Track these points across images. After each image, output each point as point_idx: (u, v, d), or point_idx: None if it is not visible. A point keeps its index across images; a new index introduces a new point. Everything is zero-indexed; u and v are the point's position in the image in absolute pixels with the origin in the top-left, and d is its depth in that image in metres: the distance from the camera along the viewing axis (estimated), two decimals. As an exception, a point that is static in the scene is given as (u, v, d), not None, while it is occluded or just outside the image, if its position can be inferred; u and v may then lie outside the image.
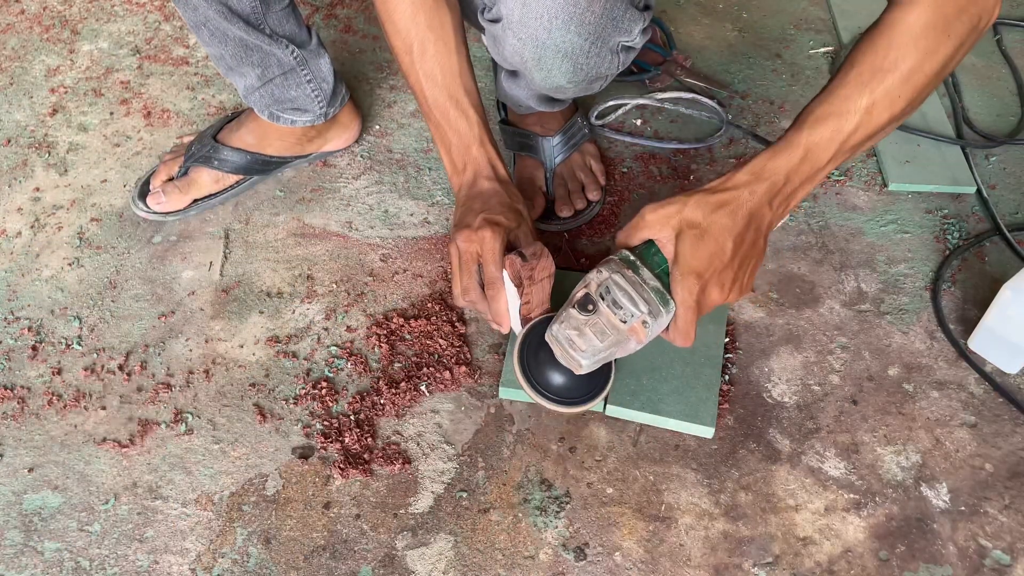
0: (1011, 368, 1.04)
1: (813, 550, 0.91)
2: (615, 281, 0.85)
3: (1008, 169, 1.27)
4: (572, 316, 0.87)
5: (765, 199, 0.83)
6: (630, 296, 0.84)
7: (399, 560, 0.90)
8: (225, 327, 1.09)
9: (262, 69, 1.12)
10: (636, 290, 0.84)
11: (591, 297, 0.86)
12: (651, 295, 0.84)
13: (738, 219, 0.82)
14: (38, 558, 0.90)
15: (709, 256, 0.82)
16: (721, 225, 0.82)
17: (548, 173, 1.20)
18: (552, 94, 1.06)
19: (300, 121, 1.19)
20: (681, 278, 0.83)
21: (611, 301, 0.85)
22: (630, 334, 0.85)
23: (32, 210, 1.22)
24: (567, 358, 0.88)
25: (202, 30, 1.08)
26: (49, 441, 0.98)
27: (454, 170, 1.02)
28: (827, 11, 1.54)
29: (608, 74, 1.01)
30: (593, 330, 0.86)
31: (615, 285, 0.85)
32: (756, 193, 0.82)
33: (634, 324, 0.85)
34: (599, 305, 0.86)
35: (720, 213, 0.82)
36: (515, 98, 1.18)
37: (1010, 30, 1.50)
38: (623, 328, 0.85)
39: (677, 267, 0.83)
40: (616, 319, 0.85)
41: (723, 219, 0.82)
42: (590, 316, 0.86)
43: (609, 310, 0.85)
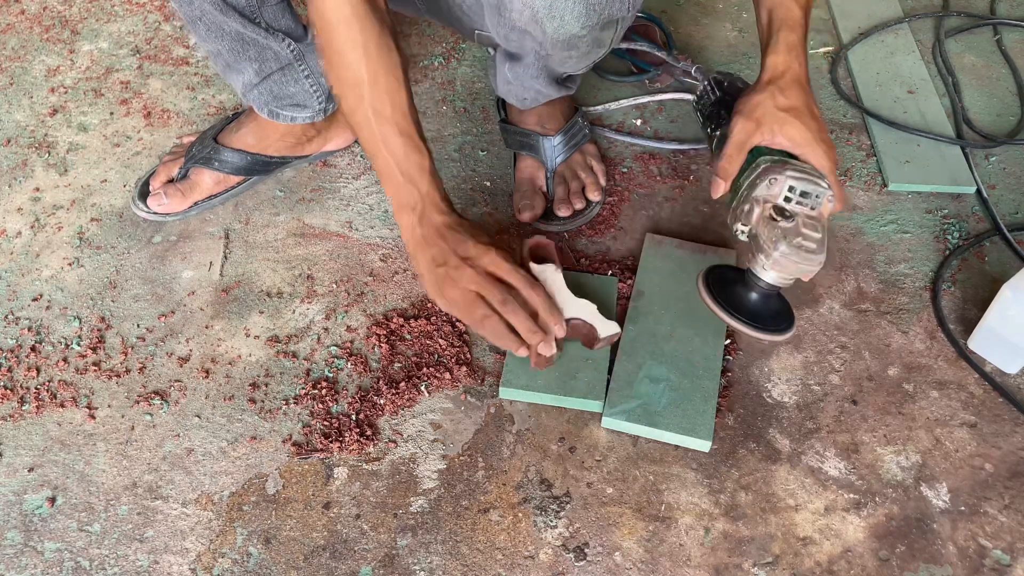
0: (1011, 368, 1.04)
1: (813, 550, 0.91)
2: (793, 178, 0.90)
3: (1008, 169, 1.28)
4: (786, 229, 0.89)
5: (805, 61, 0.96)
6: (812, 182, 0.90)
7: (399, 560, 0.90)
8: (225, 327, 1.09)
9: (259, 64, 1.12)
10: (809, 174, 0.90)
11: (780, 206, 0.90)
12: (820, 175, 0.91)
13: (806, 89, 0.95)
14: (38, 558, 0.90)
15: (815, 123, 0.93)
16: (803, 99, 0.94)
17: (548, 173, 1.20)
18: (563, 53, 1.04)
19: (300, 118, 1.19)
20: (813, 151, 0.92)
21: (799, 196, 0.90)
22: (822, 217, 0.91)
23: (32, 210, 1.22)
24: (804, 267, 0.90)
25: (198, 24, 1.07)
26: (49, 441, 0.99)
27: (401, 207, 0.97)
28: (827, 11, 1.54)
29: (620, 17, 0.99)
30: (805, 227, 0.90)
31: (796, 181, 0.90)
32: (801, 61, 0.95)
33: (823, 204, 0.90)
34: (791, 207, 0.90)
35: (795, 90, 0.93)
36: (518, 89, 1.17)
37: (1010, 30, 1.50)
38: (816, 214, 0.90)
39: (805, 145, 0.92)
40: (808, 210, 0.90)
41: (800, 93, 0.94)
42: (794, 220, 0.90)
43: (801, 207, 0.90)
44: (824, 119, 0.96)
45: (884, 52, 1.45)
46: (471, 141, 1.31)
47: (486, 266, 0.94)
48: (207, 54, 1.13)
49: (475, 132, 1.32)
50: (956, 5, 1.55)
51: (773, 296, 0.94)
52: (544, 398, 1.01)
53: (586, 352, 1.04)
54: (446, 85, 1.39)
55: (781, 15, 0.97)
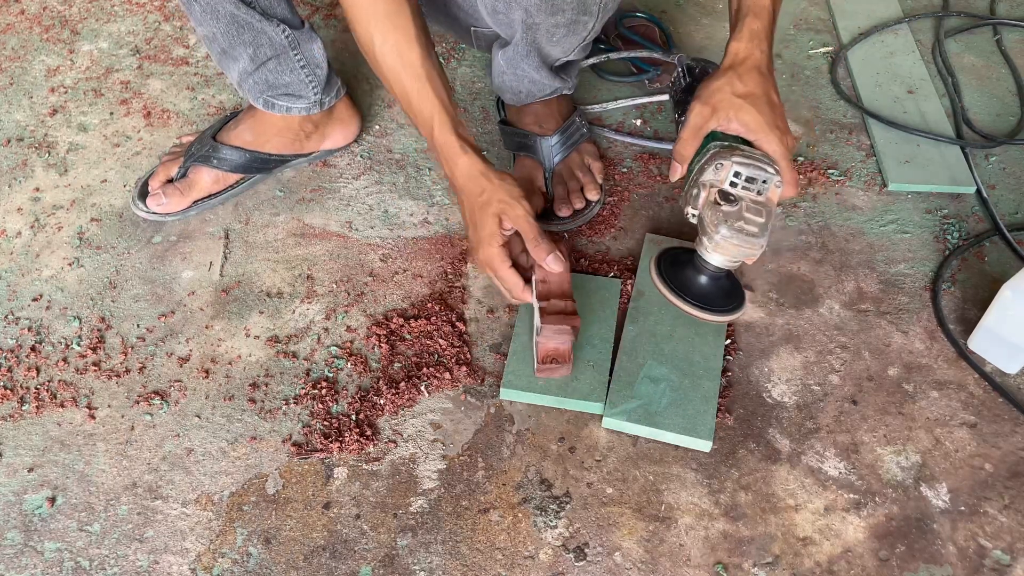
0: (1011, 368, 1.04)
1: (813, 550, 0.91)
2: (739, 163, 0.91)
3: (1008, 169, 1.28)
4: (728, 213, 0.91)
5: (768, 50, 0.97)
6: (758, 167, 0.91)
7: (399, 560, 0.90)
8: (225, 327, 1.09)
9: (254, 49, 1.11)
10: (756, 160, 0.91)
11: (725, 191, 0.92)
12: (767, 159, 0.92)
13: (766, 75, 0.95)
14: (38, 558, 0.90)
15: (771, 110, 0.94)
16: (762, 84, 0.94)
17: (547, 173, 1.20)
18: (549, 20, 1.04)
19: (295, 109, 1.19)
20: (767, 136, 0.93)
21: (745, 181, 0.91)
22: (769, 202, 0.92)
23: (32, 210, 1.22)
24: (745, 251, 0.92)
25: (194, 6, 1.07)
26: (49, 441, 0.98)
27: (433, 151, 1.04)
28: (827, 11, 1.54)
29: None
30: (749, 212, 0.91)
31: (741, 166, 0.91)
32: (764, 51, 0.96)
33: (770, 190, 0.91)
34: (736, 192, 0.92)
35: (754, 76, 0.94)
36: (512, 79, 1.17)
37: (1010, 30, 1.50)
38: (763, 199, 0.91)
39: (758, 130, 0.93)
40: (754, 195, 0.91)
41: (759, 79, 0.94)
42: (737, 204, 0.91)
43: (747, 191, 0.91)
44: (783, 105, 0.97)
45: (884, 52, 1.45)
46: (471, 141, 1.31)
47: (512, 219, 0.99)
48: (203, 39, 1.13)
49: (475, 132, 1.32)
50: (956, 5, 1.55)
51: (721, 277, 0.97)
52: (545, 399, 1.01)
53: (587, 354, 1.04)
54: (446, 85, 1.39)
55: (748, 2, 0.97)
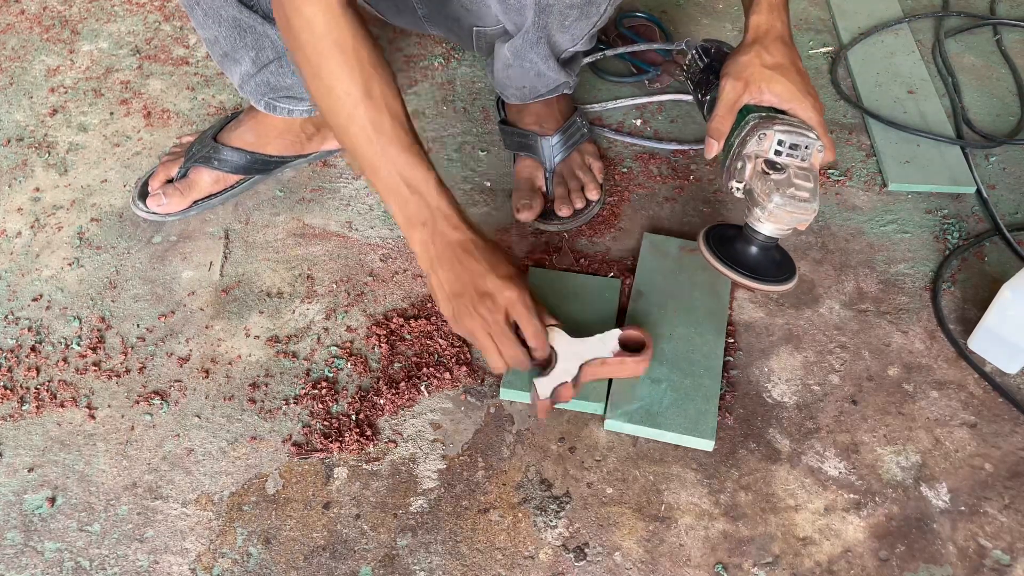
0: (1011, 368, 1.04)
1: (813, 550, 0.91)
2: (781, 131, 0.93)
3: (1008, 169, 1.28)
4: (778, 181, 0.92)
5: (787, 20, 0.99)
6: (801, 134, 0.93)
7: (399, 560, 0.90)
8: (225, 327, 1.09)
9: (256, 52, 1.11)
10: (797, 127, 0.93)
11: (771, 160, 0.93)
12: (807, 127, 0.94)
13: (790, 45, 0.98)
14: (38, 558, 0.90)
15: (800, 78, 0.96)
16: (788, 55, 0.97)
17: (547, 173, 1.20)
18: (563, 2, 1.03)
19: (297, 111, 1.19)
20: (801, 105, 0.94)
21: (789, 149, 0.93)
22: (813, 167, 0.93)
23: (32, 210, 1.22)
24: (799, 216, 0.93)
25: (196, 10, 1.07)
26: (49, 441, 0.99)
27: (410, 223, 0.93)
28: (827, 11, 1.54)
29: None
30: (797, 178, 0.92)
31: (784, 134, 0.93)
32: (783, 20, 0.98)
33: (813, 155, 0.93)
34: (782, 160, 0.93)
35: (778, 47, 0.96)
36: (517, 73, 1.16)
37: (1010, 30, 1.50)
38: (807, 165, 0.93)
39: (792, 99, 0.95)
40: (799, 162, 0.93)
41: (784, 49, 0.96)
42: (784, 171, 0.92)
43: (791, 159, 0.93)
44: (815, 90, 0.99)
45: (884, 52, 1.45)
46: (471, 141, 1.31)
47: (502, 306, 0.93)
48: (205, 42, 1.13)
49: (475, 132, 1.32)
50: (956, 5, 1.55)
51: (772, 248, 0.97)
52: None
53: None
54: (446, 85, 1.39)
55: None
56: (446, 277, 0.93)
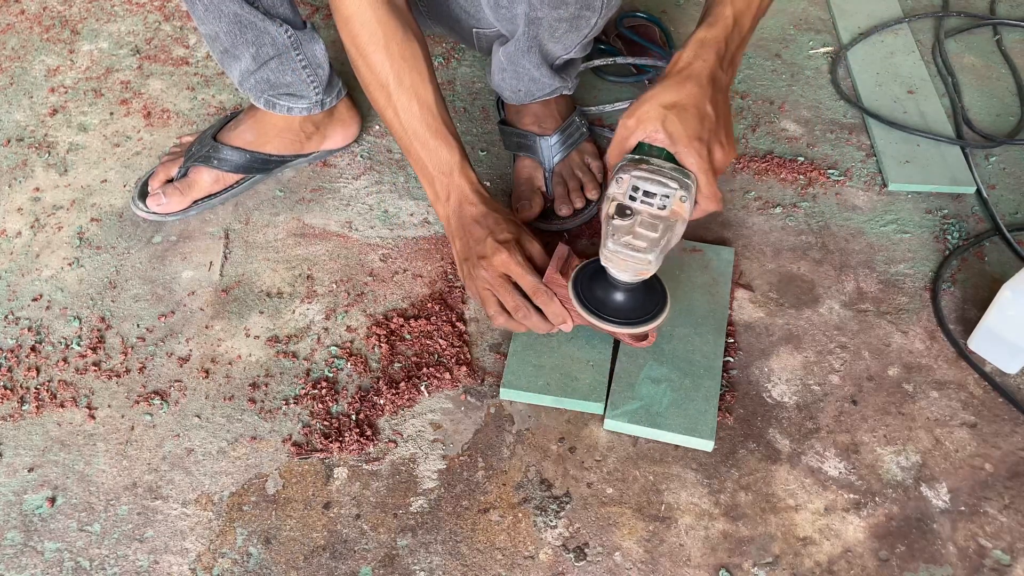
0: (1011, 368, 1.04)
1: (813, 550, 0.91)
2: (637, 177, 0.89)
3: (1008, 169, 1.28)
4: (617, 227, 0.89)
5: (716, 63, 0.91)
6: (657, 181, 0.88)
7: (399, 560, 0.90)
8: (225, 327, 1.09)
9: (256, 48, 1.11)
10: (659, 175, 0.89)
11: (623, 204, 0.90)
12: (671, 174, 0.89)
13: (704, 85, 0.90)
14: (38, 558, 0.90)
15: (699, 122, 0.89)
16: (694, 95, 0.89)
17: (547, 173, 1.20)
18: (553, 14, 1.03)
19: (296, 109, 1.19)
20: (686, 149, 0.89)
21: (643, 195, 0.89)
22: (673, 216, 0.89)
23: (32, 210, 1.22)
24: (633, 265, 0.90)
25: (196, 5, 1.07)
26: (49, 441, 0.99)
27: (436, 199, 1.06)
28: (827, 11, 1.54)
29: None
30: (642, 228, 0.89)
31: (639, 180, 0.89)
32: (708, 61, 0.91)
33: (673, 205, 0.89)
34: (635, 205, 0.89)
35: (688, 86, 0.89)
36: (512, 77, 1.16)
37: (1010, 30, 1.50)
38: (665, 214, 0.89)
39: (678, 142, 0.89)
40: (654, 209, 0.89)
41: (693, 89, 0.89)
42: (632, 218, 0.89)
43: (645, 205, 0.89)
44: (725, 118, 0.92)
45: (884, 52, 1.45)
46: (471, 141, 1.31)
47: (497, 267, 1.00)
48: (205, 38, 1.13)
49: (475, 132, 1.32)
50: (956, 5, 1.55)
51: (636, 289, 0.95)
52: (545, 399, 1.01)
53: (587, 353, 1.04)
54: (446, 85, 1.39)
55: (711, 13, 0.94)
56: (459, 246, 1.04)
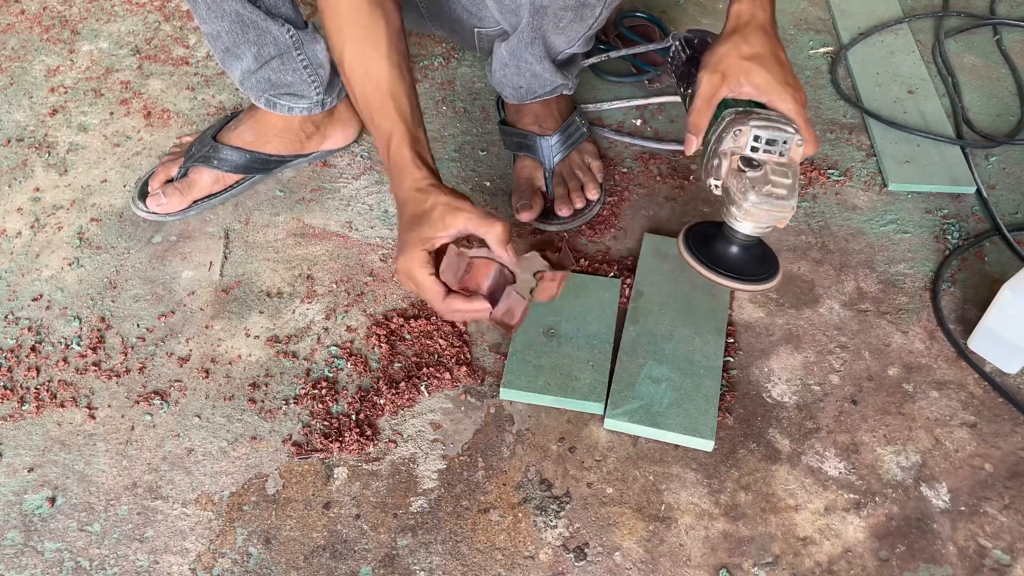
0: (1011, 368, 1.04)
1: (813, 550, 0.91)
2: (756, 126, 0.89)
3: (1008, 169, 1.28)
4: (754, 179, 0.89)
5: (770, 9, 0.96)
6: (777, 128, 0.89)
7: (399, 560, 0.90)
8: (225, 327, 1.09)
9: (258, 48, 1.12)
10: (776, 122, 0.90)
11: (747, 156, 0.90)
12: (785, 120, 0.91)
13: (771, 34, 0.94)
14: (38, 558, 0.90)
15: (780, 68, 0.93)
16: (769, 44, 0.93)
17: (547, 173, 1.20)
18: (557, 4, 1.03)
19: (297, 108, 1.19)
20: (780, 96, 0.91)
21: (765, 144, 0.90)
22: (792, 163, 0.90)
23: (32, 210, 1.22)
24: (775, 215, 0.90)
25: (199, 4, 1.07)
26: (49, 441, 0.98)
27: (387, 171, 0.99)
28: (827, 11, 1.54)
29: None
30: (774, 175, 0.89)
31: (760, 129, 0.89)
32: (766, 11, 0.95)
33: (792, 150, 0.90)
34: (759, 156, 0.90)
35: (758, 36, 0.93)
36: (513, 73, 1.16)
37: (1010, 30, 1.50)
38: (786, 160, 0.90)
39: (770, 90, 0.91)
40: (776, 156, 0.90)
41: (765, 39, 0.93)
42: (762, 168, 0.89)
43: (769, 154, 0.90)
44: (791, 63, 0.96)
45: (884, 52, 1.45)
46: (471, 141, 1.31)
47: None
48: (206, 37, 1.13)
49: (475, 132, 1.32)
50: (956, 5, 1.55)
51: (754, 246, 0.95)
52: (544, 399, 1.01)
53: (587, 354, 1.04)
54: (446, 85, 1.39)
55: None
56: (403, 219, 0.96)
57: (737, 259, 0.95)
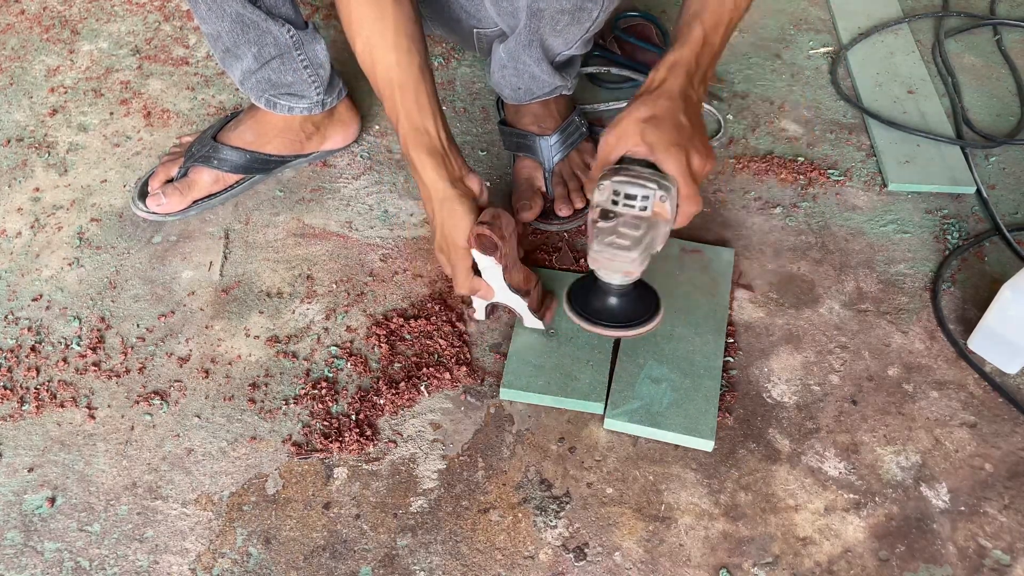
0: (1011, 368, 1.04)
1: (813, 550, 0.91)
2: (617, 182, 0.92)
3: (1008, 169, 1.28)
4: (601, 229, 0.92)
5: (686, 81, 0.96)
6: (637, 184, 0.91)
7: (399, 560, 0.90)
8: (225, 327, 1.09)
9: (258, 48, 1.12)
10: (638, 179, 0.92)
11: (606, 209, 0.92)
12: (650, 176, 0.92)
13: (676, 100, 0.95)
14: (38, 558, 0.90)
15: (675, 130, 0.93)
16: (668, 108, 0.94)
17: (547, 173, 1.20)
18: (554, 6, 1.04)
19: (297, 108, 1.19)
20: (665, 154, 0.92)
21: (624, 199, 0.91)
22: (655, 217, 0.91)
23: (32, 210, 1.22)
24: (618, 264, 0.92)
25: (199, 5, 1.07)
26: (49, 441, 0.99)
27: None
28: (827, 11, 1.54)
29: None
30: (625, 227, 0.91)
31: (619, 184, 0.91)
32: (679, 79, 0.96)
33: (654, 206, 0.91)
34: (617, 209, 0.92)
35: (661, 101, 0.94)
36: (512, 74, 1.16)
37: (1010, 30, 1.50)
38: (647, 215, 0.91)
39: (657, 149, 0.92)
40: (636, 211, 0.91)
41: (667, 104, 0.94)
42: (614, 220, 0.91)
43: (627, 208, 0.92)
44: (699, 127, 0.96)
45: (884, 52, 1.45)
46: (471, 141, 1.31)
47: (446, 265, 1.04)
48: (207, 37, 1.13)
49: (475, 132, 1.32)
50: (956, 5, 1.55)
51: (630, 291, 0.96)
52: (544, 399, 1.01)
53: (587, 354, 1.04)
54: (446, 85, 1.39)
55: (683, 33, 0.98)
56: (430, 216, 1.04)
57: (614, 307, 0.97)
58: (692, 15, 0.98)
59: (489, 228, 0.96)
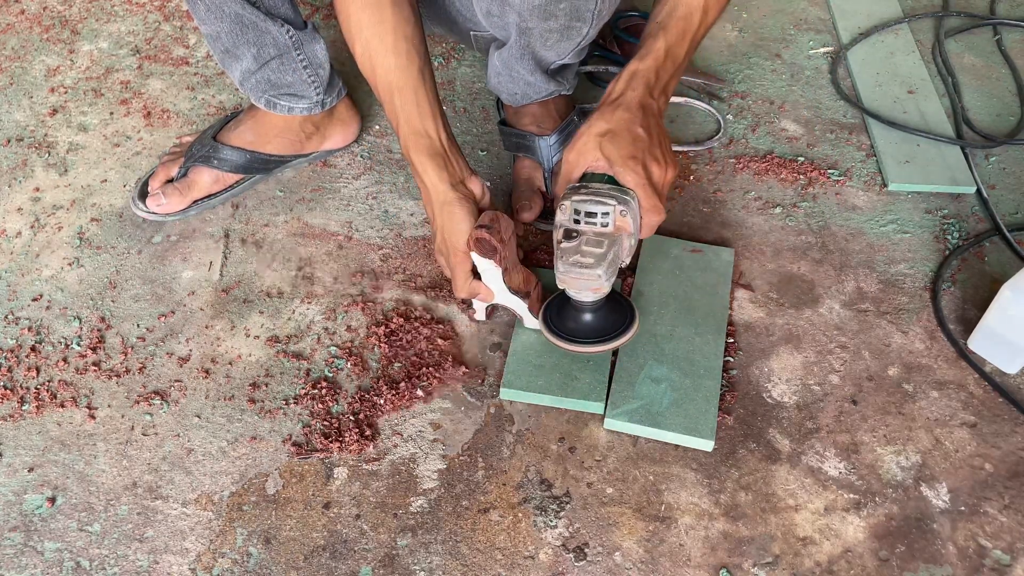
0: (1011, 368, 1.04)
1: (813, 550, 0.91)
2: (577, 201, 0.93)
3: (1008, 169, 1.28)
4: (564, 249, 0.93)
5: (645, 92, 0.96)
6: (596, 201, 0.92)
7: (399, 560, 0.90)
8: (225, 327, 1.09)
9: (258, 48, 1.12)
10: (596, 196, 0.93)
11: (569, 228, 0.93)
12: (608, 192, 0.93)
13: (634, 111, 0.95)
14: (38, 558, 0.90)
15: (631, 143, 0.93)
16: (625, 120, 0.94)
17: (546, 173, 1.20)
18: (542, 25, 1.04)
19: (297, 108, 1.19)
20: (622, 168, 0.93)
21: (585, 216, 0.93)
22: (618, 231, 0.93)
23: (32, 210, 1.22)
24: (584, 282, 0.93)
25: (198, 5, 1.07)
26: (49, 441, 0.99)
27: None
28: (827, 11, 1.54)
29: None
30: (588, 246, 0.92)
31: (579, 203, 0.93)
32: (637, 90, 0.96)
33: (615, 220, 0.92)
34: (579, 227, 0.93)
35: (618, 113, 0.94)
36: (507, 81, 1.16)
37: (1010, 30, 1.50)
38: (609, 230, 0.92)
39: (615, 163, 0.93)
40: (598, 227, 0.93)
41: (624, 115, 0.94)
42: (578, 239, 0.93)
43: (589, 225, 0.93)
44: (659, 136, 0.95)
45: (884, 52, 1.45)
46: (471, 141, 1.31)
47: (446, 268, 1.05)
48: (206, 38, 1.13)
49: (475, 132, 1.32)
50: (956, 5, 1.55)
51: (600, 308, 0.98)
52: (544, 399, 1.01)
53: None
54: (446, 85, 1.39)
55: (646, 43, 0.98)
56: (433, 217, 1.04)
57: (589, 323, 0.98)
58: (657, 25, 0.98)
59: (488, 231, 0.96)
